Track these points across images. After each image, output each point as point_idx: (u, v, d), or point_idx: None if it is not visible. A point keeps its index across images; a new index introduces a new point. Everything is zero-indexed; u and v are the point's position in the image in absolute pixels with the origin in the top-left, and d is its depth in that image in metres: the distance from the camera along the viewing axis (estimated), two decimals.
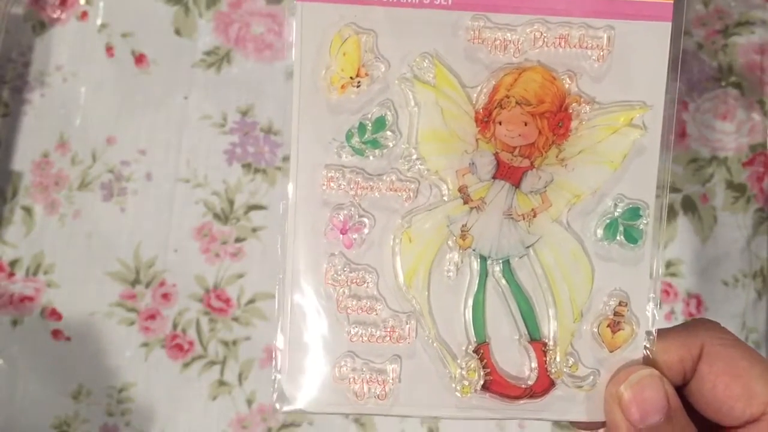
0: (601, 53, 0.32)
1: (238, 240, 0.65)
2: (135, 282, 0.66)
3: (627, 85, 0.32)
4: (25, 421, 0.67)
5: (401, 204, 0.32)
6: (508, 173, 0.32)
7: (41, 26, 0.69)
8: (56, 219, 0.68)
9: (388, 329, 0.32)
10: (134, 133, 0.66)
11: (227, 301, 0.64)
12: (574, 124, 0.32)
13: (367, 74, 0.32)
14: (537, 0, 0.32)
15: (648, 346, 0.33)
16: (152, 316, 0.66)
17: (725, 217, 0.66)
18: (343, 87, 0.31)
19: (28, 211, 0.68)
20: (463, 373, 0.33)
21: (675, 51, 0.34)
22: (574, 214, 0.32)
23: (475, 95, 0.32)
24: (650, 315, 0.33)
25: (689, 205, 0.66)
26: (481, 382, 0.33)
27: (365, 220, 0.32)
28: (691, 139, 0.65)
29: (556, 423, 0.62)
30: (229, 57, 0.65)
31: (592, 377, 0.32)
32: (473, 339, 0.32)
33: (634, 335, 0.33)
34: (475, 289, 0.33)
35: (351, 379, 0.32)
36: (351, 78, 0.31)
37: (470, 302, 0.33)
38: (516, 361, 0.33)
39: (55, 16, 0.68)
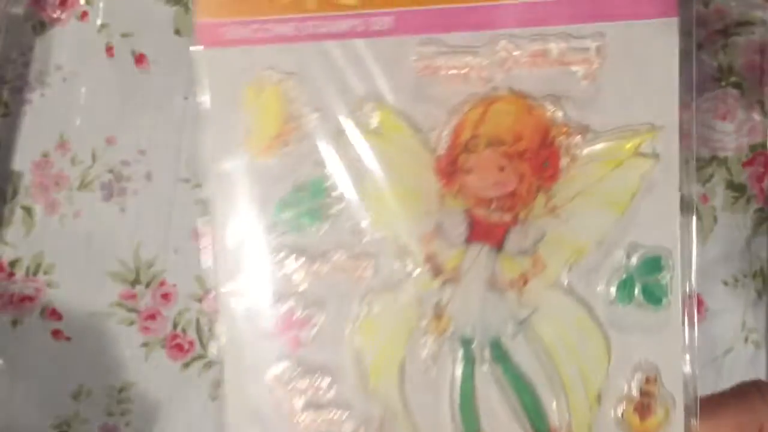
0: (590, 68, 0.25)
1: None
2: (135, 282, 0.66)
3: (627, 105, 0.25)
4: (25, 420, 0.68)
5: (356, 286, 0.26)
6: (485, 233, 0.26)
7: (41, 26, 0.67)
8: (56, 219, 0.68)
9: None
10: (134, 133, 0.66)
11: None
12: (563, 161, 0.25)
13: (294, 129, 0.25)
14: (500, 10, 0.25)
15: (692, 429, 0.28)
16: (152, 316, 0.67)
17: (725, 217, 0.64)
18: (265, 149, 0.25)
19: (27, 211, 0.68)
20: None
21: (686, 50, 0.28)
22: (577, 275, 0.26)
23: (433, 140, 0.25)
24: (690, 391, 0.26)
25: (689, 205, 0.61)
26: None
27: (314, 311, 0.26)
28: (690, 139, 0.61)
29: None
30: None
31: None
32: None
33: (670, 419, 0.26)
34: (461, 381, 0.26)
35: None
36: (274, 137, 0.25)
37: (457, 398, 0.26)
38: None
39: (55, 16, 0.69)
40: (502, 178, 0.26)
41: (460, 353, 0.27)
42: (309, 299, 0.27)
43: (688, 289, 0.27)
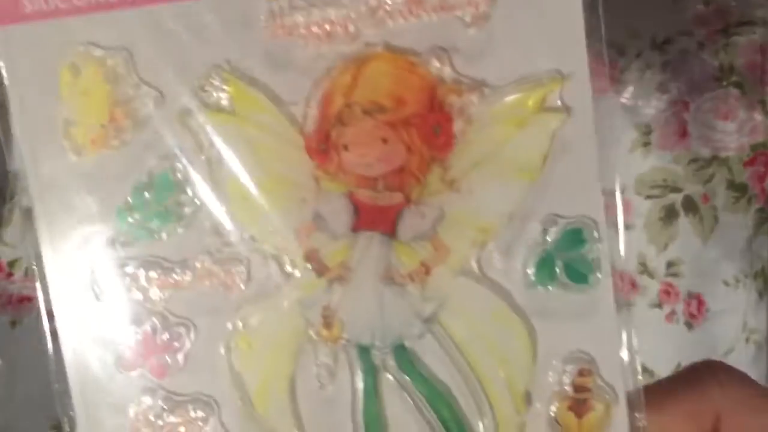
0: (477, 11, 0.21)
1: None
2: None
3: (526, 52, 0.21)
4: (24, 421, 0.66)
5: (227, 297, 0.21)
6: (374, 219, 0.22)
7: None
8: None
9: None
10: None
11: None
12: (457, 125, 0.21)
13: (127, 116, 0.20)
14: None
15: (639, 424, 0.25)
16: None
17: (726, 217, 0.64)
18: (93, 142, 0.20)
19: (27, 211, 0.67)
20: None
21: None
22: (488, 257, 0.22)
23: (299, 114, 0.21)
24: (631, 380, 0.22)
25: (690, 205, 0.64)
26: None
27: (179, 330, 0.21)
28: (691, 139, 0.65)
29: None
30: None
31: None
32: None
33: (611, 414, 0.22)
34: (364, 396, 0.22)
35: None
36: (102, 126, 0.20)
37: (361, 417, 0.22)
38: None
39: None
40: (386, 151, 0.22)
41: (359, 364, 0.22)
42: (172, 318, 0.22)
43: (617, 263, 0.23)
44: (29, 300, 0.66)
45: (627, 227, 0.25)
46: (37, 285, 0.24)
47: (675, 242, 0.65)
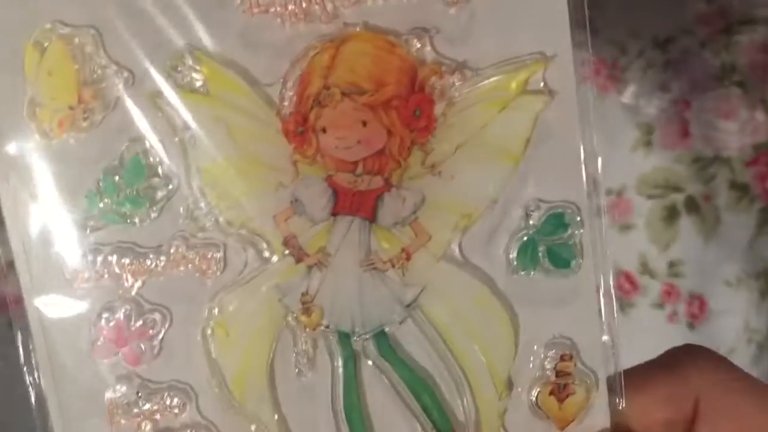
0: None
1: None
2: None
3: (509, 33, 0.21)
4: (23, 422, 0.64)
5: (202, 283, 0.21)
6: (354, 204, 0.21)
7: None
8: None
9: None
10: None
11: None
12: (439, 108, 0.21)
13: (96, 97, 0.20)
14: None
15: (619, 408, 0.26)
16: None
17: (728, 216, 0.65)
18: (61, 124, 0.19)
19: None
20: None
21: None
22: (470, 242, 0.23)
23: (276, 96, 0.20)
24: (611, 365, 0.22)
25: (692, 205, 0.65)
26: None
27: (153, 317, 0.21)
28: (694, 139, 0.66)
29: None
30: None
31: None
32: None
33: (592, 399, 0.22)
34: (344, 384, 0.22)
35: None
36: (71, 108, 0.19)
37: (340, 403, 0.22)
38: None
39: None
40: (365, 134, 0.21)
41: (339, 350, 0.22)
42: (146, 305, 0.22)
43: (600, 249, 0.23)
44: None
45: (628, 227, 0.25)
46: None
47: (677, 242, 0.66)
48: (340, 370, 0.25)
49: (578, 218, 0.24)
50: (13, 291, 0.72)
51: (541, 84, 0.24)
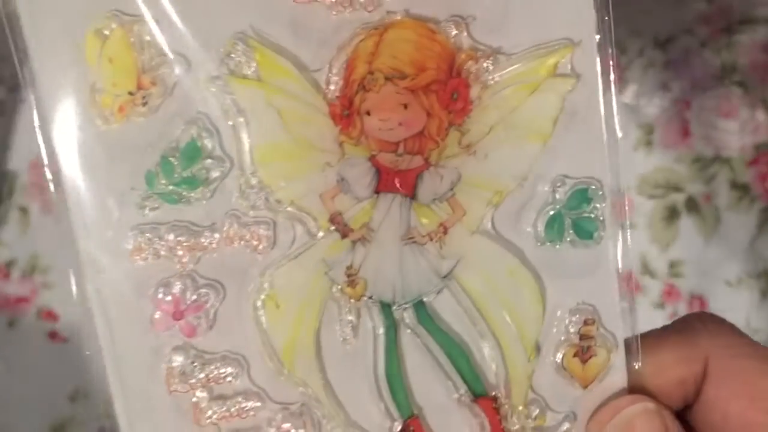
0: None
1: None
2: None
3: (540, 20, 0.23)
4: (22, 423, 0.68)
5: (253, 258, 0.23)
6: (395, 182, 0.23)
7: None
8: (52, 219, 0.69)
9: (279, 430, 0.23)
10: None
11: None
12: (474, 91, 0.23)
13: (154, 83, 0.21)
14: None
15: (636, 367, 0.28)
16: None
17: (729, 216, 0.66)
18: (122, 109, 0.21)
19: (24, 211, 0.69)
20: None
21: None
22: (502, 217, 0.25)
23: (323, 81, 0.22)
24: (629, 328, 0.25)
25: (692, 205, 0.66)
26: None
27: (207, 292, 0.23)
28: (694, 138, 0.66)
29: None
30: None
31: (567, 425, 0.24)
32: (397, 415, 0.24)
33: (611, 360, 0.24)
34: (385, 349, 0.24)
35: None
36: (130, 93, 0.21)
37: (382, 368, 0.24)
38: (462, 429, 0.26)
39: None
40: (407, 116, 0.23)
41: (381, 320, 0.24)
42: (200, 280, 0.23)
43: (620, 221, 0.25)
44: (26, 300, 0.68)
45: (629, 227, 0.27)
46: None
47: (677, 242, 0.66)
48: (382, 337, 0.27)
49: (600, 192, 0.27)
50: (14, 291, 0.64)
51: (569, 68, 0.26)
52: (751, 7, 0.65)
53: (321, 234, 0.26)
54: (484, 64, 0.25)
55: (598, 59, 0.26)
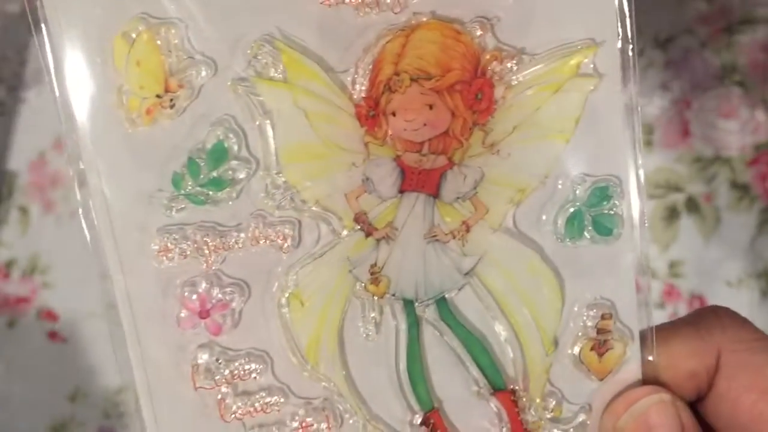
0: None
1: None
2: None
3: (563, 21, 0.23)
4: (22, 423, 0.68)
5: (279, 257, 0.23)
6: (419, 181, 0.24)
7: (38, 24, 0.68)
8: (52, 219, 0.69)
9: (302, 425, 0.24)
10: None
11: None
12: (498, 91, 0.23)
13: (182, 86, 0.21)
14: None
15: (650, 359, 0.29)
16: None
17: (729, 216, 0.66)
18: (149, 112, 0.21)
19: (23, 211, 0.69)
20: None
21: None
22: (523, 215, 0.26)
23: (349, 82, 0.22)
24: (644, 322, 0.25)
25: (692, 205, 0.66)
26: None
27: (232, 290, 0.23)
28: (694, 138, 0.66)
29: None
30: None
31: (582, 416, 0.25)
32: (417, 408, 0.25)
33: (627, 353, 0.25)
34: (407, 344, 0.24)
35: None
36: (158, 96, 0.21)
37: (403, 363, 0.25)
38: (480, 422, 0.28)
39: None
40: (432, 117, 0.24)
41: (403, 316, 0.25)
42: (226, 279, 0.24)
43: (637, 216, 0.26)
44: (26, 301, 0.69)
45: None
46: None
47: (677, 242, 0.66)
48: (404, 333, 0.27)
49: (619, 190, 0.27)
50: (14, 291, 0.65)
51: (591, 67, 0.26)
52: (751, 7, 0.65)
53: (345, 233, 0.26)
54: (508, 65, 0.26)
55: (619, 59, 0.26)
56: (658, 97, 0.68)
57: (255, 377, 0.27)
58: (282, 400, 0.27)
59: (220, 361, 0.26)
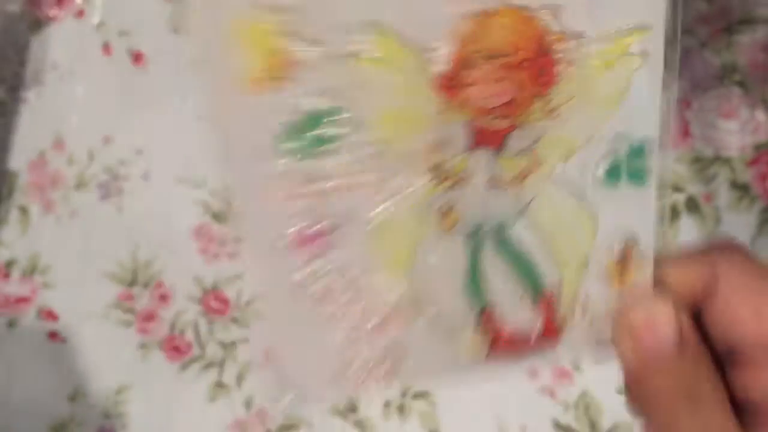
0: None
1: (236, 240, 0.65)
2: (132, 283, 0.67)
3: (619, 9, 0.27)
4: (22, 423, 0.69)
5: (369, 199, 0.30)
6: (487, 139, 0.29)
7: (37, 24, 0.70)
8: (52, 219, 0.69)
9: (383, 319, 0.32)
10: (131, 132, 0.69)
11: (225, 301, 0.66)
12: (560, 67, 0.28)
13: (287, 62, 0.27)
14: None
15: (659, 276, 0.35)
16: (150, 317, 0.67)
17: (729, 217, 0.66)
18: (260, 85, 0.27)
19: (23, 211, 0.69)
20: (468, 341, 0.35)
21: None
22: (571, 167, 0.31)
23: (434, 59, 0.27)
24: (657, 247, 0.32)
25: (692, 205, 0.67)
26: (488, 346, 0.35)
27: (329, 224, 0.30)
28: (694, 139, 0.67)
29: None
30: None
31: (601, 321, 0.33)
32: (474, 308, 0.34)
33: (643, 271, 0.32)
34: (469, 262, 0.31)
35: (352, 371, 0.34)
36: (268, 71, 0.27)
37: (465, 275, 0.31)
38: (522, 319, 0.36)
39: (51, 14, 0.70)
40: (501, 89, 0.29)
41: (467, 244, 0.31)
42: (325, 215, 0.30)
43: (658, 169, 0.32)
44: (26, 300, 0.69)
45: None
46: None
47: (677, 242, 0.67)
48: (467, 255, 0.34)
49: (651, 147, 0.33)
50: (14, 291, 0.68)
51: (639, 49, 0.31)
52: (751, 7, 0.65)
53: (422, 181, 0.32)
54: (569, 45, 0.30)
55: (662, 43, 0.31)
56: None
57: (348, 285, 0.34)
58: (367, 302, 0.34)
59: (320, 274, 0.33)
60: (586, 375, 0.68)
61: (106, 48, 0.68)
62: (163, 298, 0.67)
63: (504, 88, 0.30)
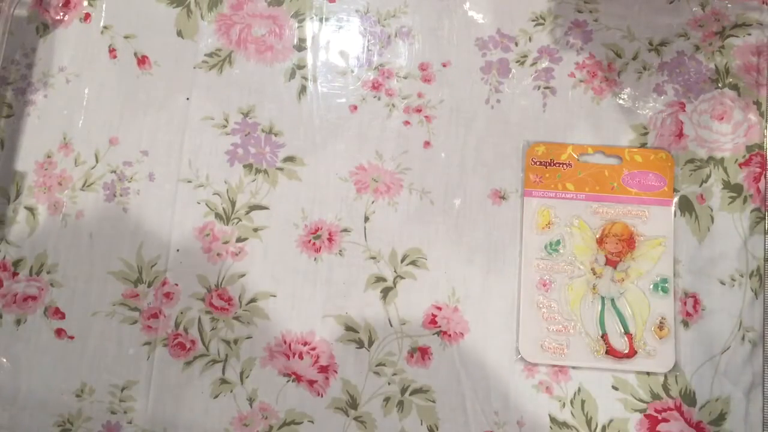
0: (644, 212, 0.86)
1: (239, 240, 0.67)
2: (137, 281, 0.66)
3: (653, 228, 0.87)
4: (29, 419, 0.67)
5: (571, 274, 0.85)
6: (610, 263, 0.88)
7: (44, 28, 0.68)
8: (59, 219, 0.68)
9: (563, 327, 0.86)
10: (137, 133, 0.68)
11: (229, 300, 0.65)
12: (636, 243, 0.86)
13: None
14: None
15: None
16: (154, 315, 0.66)
17: (722, 217, 0.67)
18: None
19: (31, 211, 0.69)
20: (596, 347, 0.78)
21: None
22: (640, 281, 0.78)
23: (598, 236, 0.87)
24: (679, 322, 0.73)
25: (686, 206, 0.69)
26: (604, 351, 0.77)
27: (550, 279, 0.87)
28: (688, 140, 0.67)
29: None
30: (230, 58, 0.67)
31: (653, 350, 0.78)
32: (600, 332, 0.78)
33: (670, 332, 0.76)
34: (600, 310, 0.79)
35: (549, 347, 0.83)
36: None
37: (598, 316, 0.79)
38: (619, 342, 0.77)
39: (58, 17, 0.67)
40: (618, 248, 0.87)
41: (601, 301, 0.87)
42: (550, 274, 0.89)
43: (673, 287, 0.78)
44: (33, 299, 0.68)
45: None
46: None
47: (671, 242, 0.68)
48: (600, 306, 0.86)
49: (670, 279, 0.79)
50: (22, 290, 0.65)
51: (662, 243, 0.85)
52: (744, 11, 0.64)
53: (588, 274, 0.84)
54: (639, 238, 0.90)
55: (673, 239, 0.74)
56: (653, 99, 0.67)
57: (553, 310, 0.86)
58: (559, 318, 0.82)
59: (542, 299, 0.86)
60: (583, 372, 0.70)
61: (112, 51, 0.66)
62: (168, 296, 0.65)
63: (619, 247, 0.86)
